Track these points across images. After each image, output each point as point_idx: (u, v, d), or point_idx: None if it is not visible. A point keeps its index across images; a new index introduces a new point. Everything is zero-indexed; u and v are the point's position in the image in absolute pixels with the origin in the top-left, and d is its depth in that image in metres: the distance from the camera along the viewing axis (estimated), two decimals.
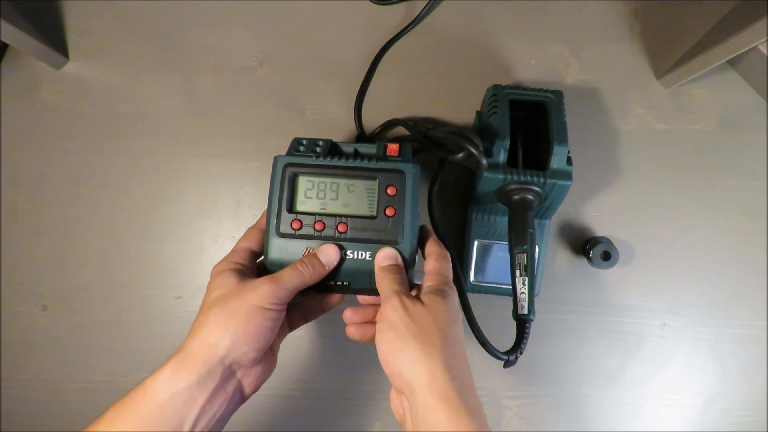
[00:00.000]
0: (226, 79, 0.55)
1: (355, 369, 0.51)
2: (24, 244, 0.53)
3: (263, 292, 0.33)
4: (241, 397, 0.35)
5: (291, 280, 0.35)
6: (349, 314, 0.39)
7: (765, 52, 0.48)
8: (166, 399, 0.30)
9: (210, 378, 0.31)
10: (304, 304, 0.40)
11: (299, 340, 0.51)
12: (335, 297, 0.41)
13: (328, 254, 0.37)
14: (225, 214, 0.53)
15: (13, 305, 0.52)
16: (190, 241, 0.53)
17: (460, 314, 0.36)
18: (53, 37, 0.55)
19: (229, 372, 0.33)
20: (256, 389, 0.36)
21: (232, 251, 0.38)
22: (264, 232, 0.38)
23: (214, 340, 0.32)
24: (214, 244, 0.53)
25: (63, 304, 0.52)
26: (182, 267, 0.52)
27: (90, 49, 0.56)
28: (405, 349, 0.31)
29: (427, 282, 0.35)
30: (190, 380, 0.31)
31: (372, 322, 0.39)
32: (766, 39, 0.42)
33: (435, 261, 0.37)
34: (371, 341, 0.38)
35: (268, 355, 0.36)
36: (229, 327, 0.32)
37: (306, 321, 0.41)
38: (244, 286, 0.34)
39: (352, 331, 0.39)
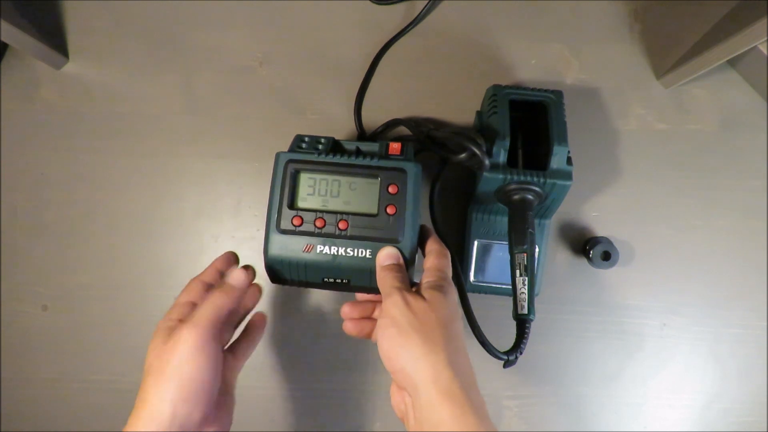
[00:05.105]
0: (226, 79, 0.55)
1: (354, 369, 0.51)
2: (24, 244, 0.52)
3: (185, 342, 0.32)
4: None
5: (207, 314, 0.34)
6: (346, 310, 0.39)
7: (765, 52, 0.48)
8: None
9: None
10: (245, 330, 0.40)
11: (298, 340, 0.51)
12: (260, 317, 0.41)
13: (236, 277, 0.37)
14: (225, 214, 0.53)
15: (13, 305, 0.52)
16: (190, 241, 0.53)
17: (460, 311, 0.36)
18: (53, 37, 0.55)
19: None
20: None
21: (173, 306, 0.37)
22: (207, 284, 0.38)
23: (155, 412, 0.31)
24: (214, 244, 0.53)
25: (63, 304, 0.52)
26: (182, 267, 0.52)
27: (90, 49, 0.56)
28: (407, 345, 0.31)
29: (426, 278, 0.35)
30: None
31: (369, 318, 0.39)
32: (766, 39, 0.42)
33: (434, 258, 0.37)
34: (368, 337, 0.38)
35: (221, 403, 0.35)
36: (166, 394, 0.31)
37: (254, 343, 0.40)
38: (166, 343, 0.33)
39: (349, 327, 0.39)
